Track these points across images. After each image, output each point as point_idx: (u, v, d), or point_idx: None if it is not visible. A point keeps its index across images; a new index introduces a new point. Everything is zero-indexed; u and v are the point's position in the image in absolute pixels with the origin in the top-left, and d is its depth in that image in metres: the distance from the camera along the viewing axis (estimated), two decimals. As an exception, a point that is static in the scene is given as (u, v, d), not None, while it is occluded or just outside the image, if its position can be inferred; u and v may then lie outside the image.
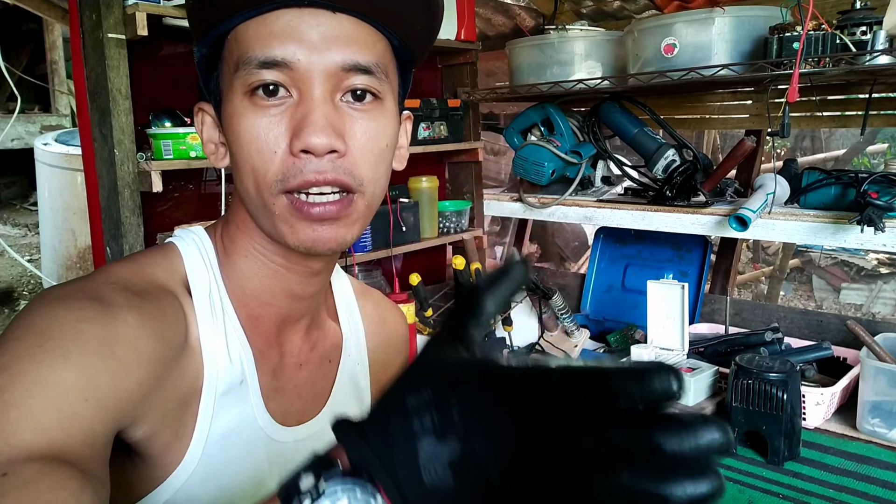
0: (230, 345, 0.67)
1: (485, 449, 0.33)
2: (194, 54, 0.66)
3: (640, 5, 2.25)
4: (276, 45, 0.58)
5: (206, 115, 0.68)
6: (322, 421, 0.76)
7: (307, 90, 0.59)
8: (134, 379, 0.56)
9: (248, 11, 0.59)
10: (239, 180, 0.63)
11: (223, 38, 0.62)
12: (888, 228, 1.36)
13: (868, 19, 1.35)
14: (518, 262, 0.43)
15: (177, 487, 0.63)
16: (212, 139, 0.68)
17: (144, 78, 1.48)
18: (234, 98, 0.61)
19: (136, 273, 0.63)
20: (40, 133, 5.01)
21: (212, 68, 0.65)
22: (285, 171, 0.59)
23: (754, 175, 1.88)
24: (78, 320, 0.55)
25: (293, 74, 0.59)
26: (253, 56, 0.58)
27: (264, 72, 0.58)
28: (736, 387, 1.24)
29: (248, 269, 0.69)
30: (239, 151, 0.61)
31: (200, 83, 0.67)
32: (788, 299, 5.22)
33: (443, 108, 2.00)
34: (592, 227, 3.39)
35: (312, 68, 0.59)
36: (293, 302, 0.72)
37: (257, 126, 0.59)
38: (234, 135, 0.61)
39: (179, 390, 0.62)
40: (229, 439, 0.67)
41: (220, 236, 0.71)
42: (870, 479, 1.16)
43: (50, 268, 3.92)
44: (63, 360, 0.52)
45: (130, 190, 1.40)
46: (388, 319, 0.89)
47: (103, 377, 0.54)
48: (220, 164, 0.68)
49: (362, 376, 0.83)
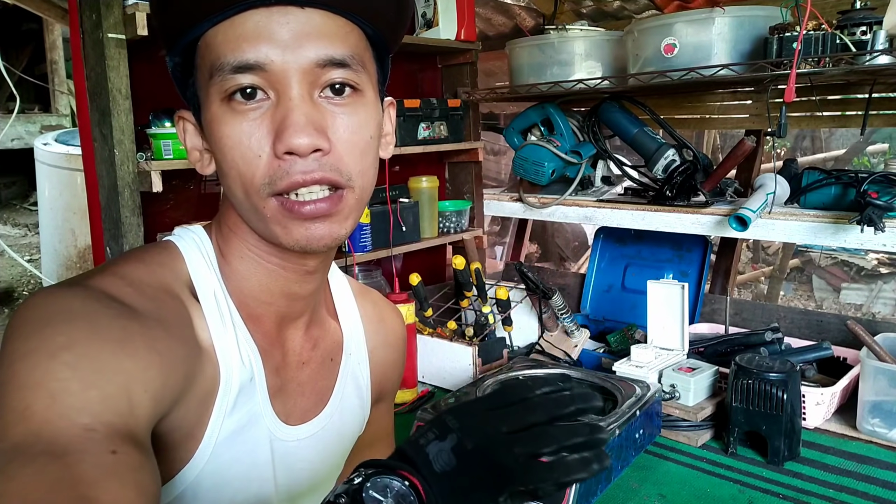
0: (240, 344, 0.67)
1: (471, 444, 0.51)
2: (167, 63, 0.65)
3: (640, 5, 2.25)
4: (248, 48, 0.57)
5: (186, 122, 0.67)
6: (324, 419, 0.77)
7: (284, 90, 0.58)
8: (174, 376, 0.58)
9: (215, 16, 0.58)
10: (226, 185, 0.63)
11: (194, 45, 0.61)
12: (888, 228, 1.36)
13: (868, 19, 1.35)
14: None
15: (186, 483, 0.64)
16: (196, 146, 0.67)
17: (144, 78, 1.48)
18: (211, 105, 0.60)
19: (148, 274, 0.63)
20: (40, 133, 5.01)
21: (187, 75, 0.64)
22: (272, 175, 0.59)
23: (754, 175, 1.88)
24: (118, 316, 0.55)
25: (268, 76, 0.58)
26: (226, 61, 0.58)
27: (239, 76, 0.58)
28: (736, 387, 1.24)
29: (245, 270, 0.69)
30: (223, 158, 0.61)
31: (178, 91, 0.67)
32: (788, 299, 5.22)
33: (443, 108, 2.00)
34: (592, 227, 3.38)
35: (287, 67, 0.58)
36: (291, 301, 0.72)
37: (238, 131, 0.59)
38: (216, 141, 0.61)
39: (200, 390, 0.63)
40: (238, 437, 0.67)
41: (216, 238, 0.71)
42: (870, 479, 1.16)
43: (50, 268, 3.92)
44: (121, 349, 0.53)
45: (130, 190, 1.40)
46: (387, 319, 0.89)
47: (153, 371, 0.55)
48: (206, 172, 0.66)
49: (363, 375, 0.83)
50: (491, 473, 0.50)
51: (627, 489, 1.15)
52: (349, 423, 0.81)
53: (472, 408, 0.54)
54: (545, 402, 0.53)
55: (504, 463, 0.50)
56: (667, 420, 1.33)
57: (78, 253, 3.80)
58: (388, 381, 0.90)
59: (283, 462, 0.72)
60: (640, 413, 1.21)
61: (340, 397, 0.79)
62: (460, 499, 0.50)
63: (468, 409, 0.54)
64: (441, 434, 0.52)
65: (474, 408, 0.54)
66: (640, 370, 1.39)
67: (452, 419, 0.52)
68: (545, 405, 0.53)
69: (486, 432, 0.51)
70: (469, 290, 1.78)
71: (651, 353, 1.42)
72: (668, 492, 1.14)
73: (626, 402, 1.22)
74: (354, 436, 0.84)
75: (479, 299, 1.77)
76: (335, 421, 0.78)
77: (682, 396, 1.34)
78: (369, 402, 0.85)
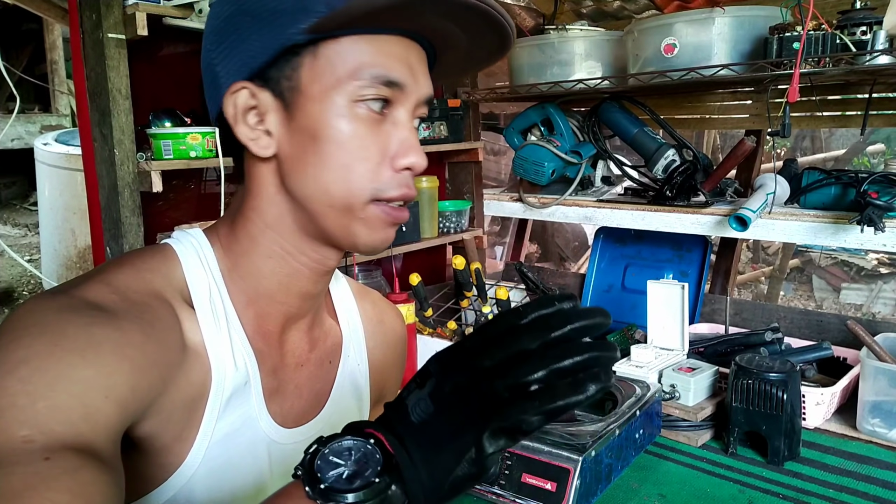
0: (234, 348, 0.67)
1: (449, 386, 0.48)
2: (274, 41, 0.62)
3: (640, 5, 2.25)
4: (398, 68, 0.64)
5: (251, 97, 0.65)
6: (321, 422, 0.76)
7: (407, 113, 0.66)
8: (147, 380, 0.58)
9: (371, 29, 0.63)
10: (315, 178, 0.64)
11: (319, 41, 0.62)
12: (888, 228, 1.36)
13: (868, 19, 1.35)
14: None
15: (178, 487, 0.63)
16: (255, 125, 0.65)
17: (144, 78, 1.48)
18: (335, 99, 0.63)
19: (136, 280, 0.63)
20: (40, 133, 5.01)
21: (284, 61, 0.63)
22: (386, 182, 0.64)
23: (754, 175, 1.88)
24: (89, 324, 0.56)
25: (401, 96, 0.65)
26: (375, 72, 0.62)
27: (384, 88, 0.63)
28: (736, 387, 1.24)
29: (268, 269, 0.69)
30: (336, 152, 0.63)
31: (256, 66, 0.63)
32: (788, 299, 5.22)
33: (443, 108, 2.00)
34: (592, 227, 3.38)
35: (413, 94, 0.65)
36: (303, 300, 0.73)
37: (364, 134, 0.63)
38: (333, 133, 0.63)
39: (186, 394, 0.63)
40: (232, 440, 0.67)
41: (226, 237, 0.70)
42: (870, 479, 1.16)
43: (50, 268, 3.92)
44: (81, 358, 0.54)
45: (130, 190, 1.41)
46: (386, 319, 0.89)
47: (119, 377, 0.55)
48: (263, 153, 0.65)
49: (361, 377, 0.83)
50: (470, 414, 0.46)
51: (627, 489, 1.15)
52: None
53: (455, 348, 0.50)
54: (534, 324, 0.47)
55: (484, 401, 0.46)
56: (667, 420, 1.33)
57: (78, 253, 3.80)
58: (388, 381, 0.90)
59: (280, 465, 0.72)
60: (640, 413, 1.21)
61: (338, 400, 0.79)
62: (438, 447, 0.46)
63: (452, 350, 0.50)
64: (421, 382, 0.49)
65: (458, 348, 0.49)
66: (640, 370, 1.39)
67: (433, 363, 0.49)
68: (533, 329, 0.46)
69: (466, 371, 0.47)
70: (469, 290, 1.78)
71: (651, 353, 1.42)
72: (668, 492, 1.14)
73: (626, 402, 1.22)
74: None
75: (479, 299, 1.77)
76: (333, 423, 0.78)
77: (682, 396, 1.34)
78: (368, 403, 0.85)
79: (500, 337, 0.47)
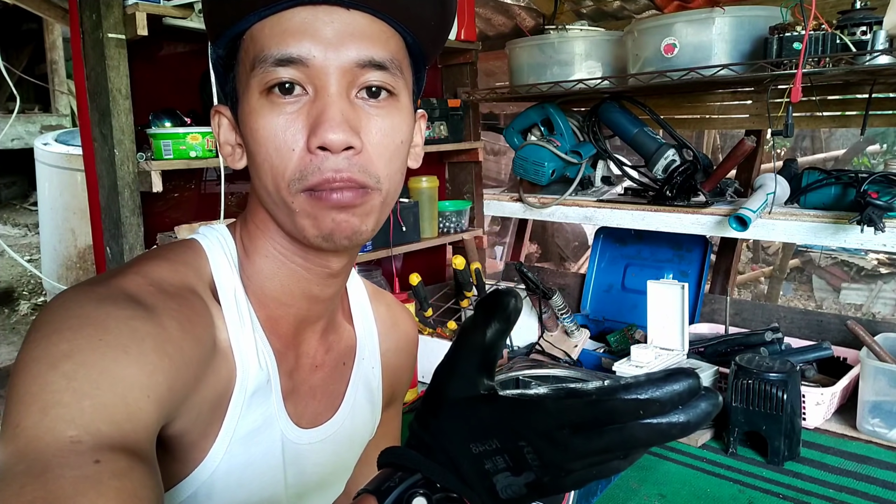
0: (258, 346, 0.67)
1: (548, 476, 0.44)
2: (210, 55, 0.67)
3: (640, 5, 2.25)
4: (292, 43, 0.58)
5: (222, 117, 0.68)
6: (336, 424, 0.76)
7: (323, 87, 0.59)
8: (182, 379, 0.57)
9: (264, 10, 0.59)
10: (258, 178, 0.63)
11: (239, 38, 0.62)
12: (888, 228, 1.36)
13: (868, 19, 1.35)
14: (508, 295, 0.48)
15: (199, 483, 0.64)
16: (228, 141, 0.68)
17: (144, 78, 1.48)
18: (250, 97, 0.61)
19: (171, 273, 0.62)
20: (40, 133, 5.02)
21: (228, 70, 0.65)
22: (303, 169, 0.59)
23: (754, 175, 1.88)
24: (130, 318, 0.55)
25: (309, 72, 0.58)
26: (269, 54, 0.58)
27: (280, 69, 0.58)
28: (736, 387, 1.24)
29: (269, 270, 0.68)
30: (257, 150, 0.61)
31: (216, 86, 0.67)
32: (788, 299, 5.22)
33: (443, 108, 2.00)
34: (592, 227, 3.39)
35: (328, 65, 0.59)
36: (311, 304, 0.71)
37: (274, 124, 0.59)
38: (251, 133, 0.61)
39: (213, 391, 0.63)
40: (252, 439, 0.67)
41: (240, 236, 0.70)
42: (870, 479, 1.16)
43: (50, 268, 3.93)
44: (125, 355, 0.53)
45: (130, 190, 1.40)
46: (399, 322, 0.88)
47: (160, 376, 0.54)
48: (236, 166, 0.67)
49: (375, 379, 0.83)
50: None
51: (627, 489, 1.15)
52: (360, 428, 0.81)
53: (554, 435, 0.43)
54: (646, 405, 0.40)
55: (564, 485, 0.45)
56: (667, 420, 1.33)
57: (78, 253, 3.80)
58: (399, 384, 0.90)
59: (294, 464, 0.72)
60: (640, 413, 1.21)
61: (352, 402, 0.79)
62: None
63: (548, 435, 0.43)
64: (516, 469, 0.44)
65: (558, 436, 0.43)
66: (641, 370, 1.39)
67: (531, 452, 0.44)
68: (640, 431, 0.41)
69: (563, 465, 0.43)
70: (469, 290, 1.78)
71: (651, 353, 1.42)
72: (668, 492, 1.14)
73: (626, 402, 1.22)
74: (365, 440, 0.83)
75: (479, 299, 1.78)
76: (346, 426, 0.78)
77: (682, 396, 1.34)
78: (380, 406, 0.85)
79: (600, 422, 0.42)
